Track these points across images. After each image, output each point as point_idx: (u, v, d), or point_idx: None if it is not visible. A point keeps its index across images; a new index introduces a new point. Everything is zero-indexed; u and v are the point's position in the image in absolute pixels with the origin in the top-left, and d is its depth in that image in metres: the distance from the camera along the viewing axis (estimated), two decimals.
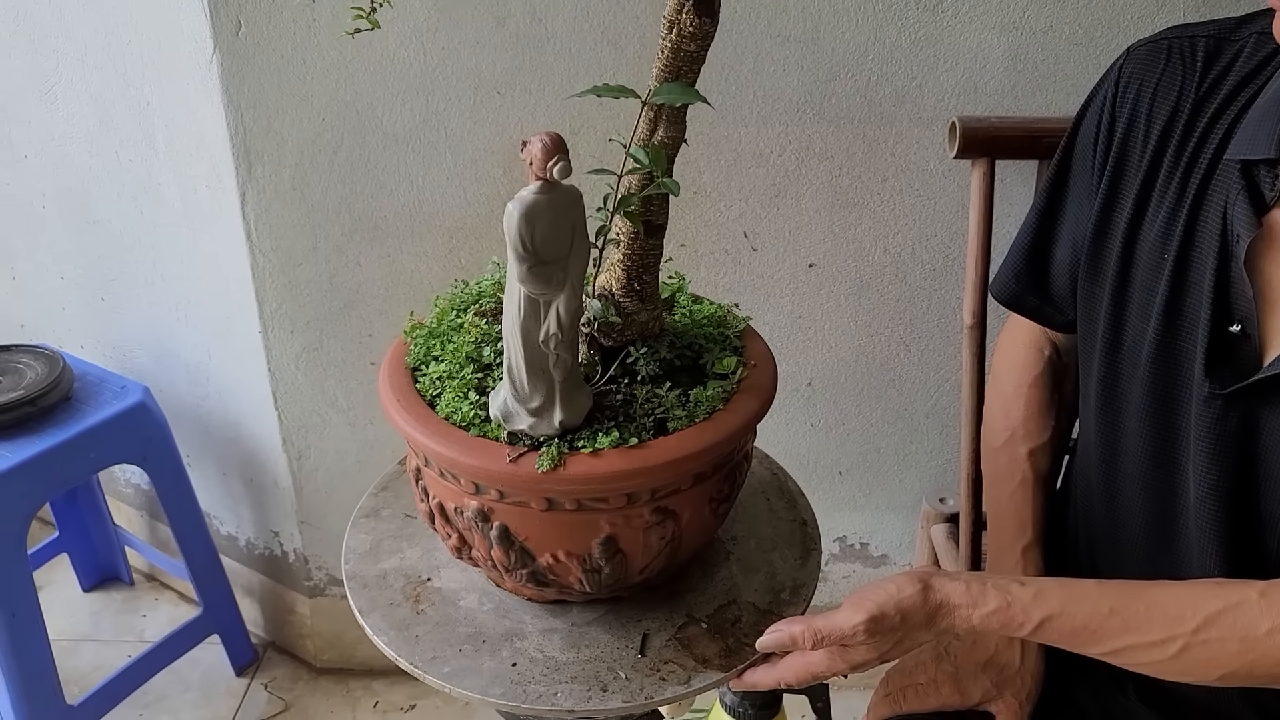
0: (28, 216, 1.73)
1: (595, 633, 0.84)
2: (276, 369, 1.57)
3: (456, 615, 0.86)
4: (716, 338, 0.86)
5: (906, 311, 1.47)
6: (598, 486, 0.74)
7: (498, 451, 0.74)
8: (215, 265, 1.54)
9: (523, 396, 0.74)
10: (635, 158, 0.76)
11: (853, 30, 1.27)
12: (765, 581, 0.89)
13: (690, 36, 0.73)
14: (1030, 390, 1.03)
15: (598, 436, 0.74)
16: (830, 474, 1.62)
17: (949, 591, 0.76)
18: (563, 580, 0.80)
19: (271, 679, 1.85)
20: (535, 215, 0.68)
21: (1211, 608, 0.72)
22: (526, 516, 0.76)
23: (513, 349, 0.73)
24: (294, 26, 1.31)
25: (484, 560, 0.81)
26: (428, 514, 0.83)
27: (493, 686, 0.79)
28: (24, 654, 1.48)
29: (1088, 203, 0.90)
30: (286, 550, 1.79)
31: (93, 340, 1.81)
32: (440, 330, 0.85)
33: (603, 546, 0.77)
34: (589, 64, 1.31)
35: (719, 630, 0.84)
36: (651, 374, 0.80)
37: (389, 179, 1.41)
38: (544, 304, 0.72)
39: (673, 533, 0.79)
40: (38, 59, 1.54)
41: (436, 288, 1.47)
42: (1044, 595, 0.75)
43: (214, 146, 1.41)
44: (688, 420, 0.76)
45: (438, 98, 1.34)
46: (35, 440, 1.47)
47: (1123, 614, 0.74)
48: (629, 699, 0.78)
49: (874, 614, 0.74)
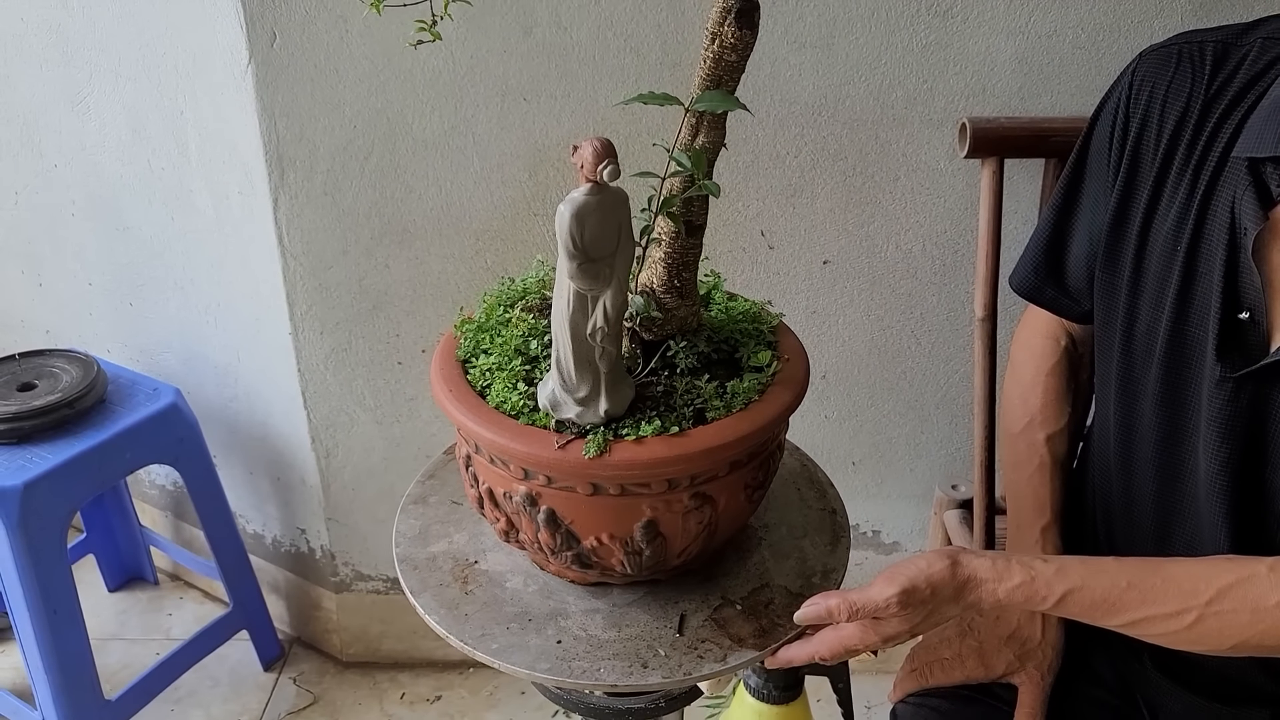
0: (56, 224, 1.78)
1: (635, 613, 0.88)
2: (306, 369, 1.61)
3: (503, 596, 0.90)
4: (751, 333, 0.91)
5: (918, 306, 1.52)
6: (640, 472, 0.78)
7: (546, 439, 0.78)
8: (246, 269, 1.59)
9: (570, 387, 0.78)
10: (679, 161, 0.80)
11: (866, 36, 1.32)
12: (796, 566, 0.93)
13: (732, 47, 0.78)
14: (1048, 379, 1.08)
15: (641, 425, 0.79)
16: (844, 464, 1.67)
17: (976, 567, 0.80)
18: (605, 562, 0.84)
19: (299, 673, 1.90)
20: (585, 215, 0.72)
21: (1224, 581, 0.77)
22: (572, 501, 0.80)
23: (561, 341, 0.77)
24: (327, 37, 1.35)
25: (530, 543, 0.85)
26: (477, 499, 0.87)
27: (539, 662, 0.83)
28: (64, 650, 1.52)
29: (1104, 199, 0.96)
30: (313, 547, 1.83)
31: (120, 344, 1.85)
32: (489, 325, 0.89)
33: (644, 530, 0.81)
34: (612, 70, 1.36)
35: (753, 611, 0.88)
36: (690, 366, 0.85)
37: (418, 184, 1.45)
38: (591, 299, 0.76)
39: (710, 517, 0.83)
40: (70, 70, 1.58)
41: (463, 289, 1.53)
42: (1065, 570, 0.79)
43: (247, 154, 1.46)
44: (725, 410, 0.81)
45: (466, 104, 1.39)
46: (73, 442, 1.51)
47: (1140, 587, 0.78)
48: (668, 675, 0.82)
49: (906, 587, 0.79)
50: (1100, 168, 0.96)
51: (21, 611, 1.48)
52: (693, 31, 1.33)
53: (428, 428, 1.65)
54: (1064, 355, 1.09)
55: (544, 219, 1.48)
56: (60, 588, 1.50)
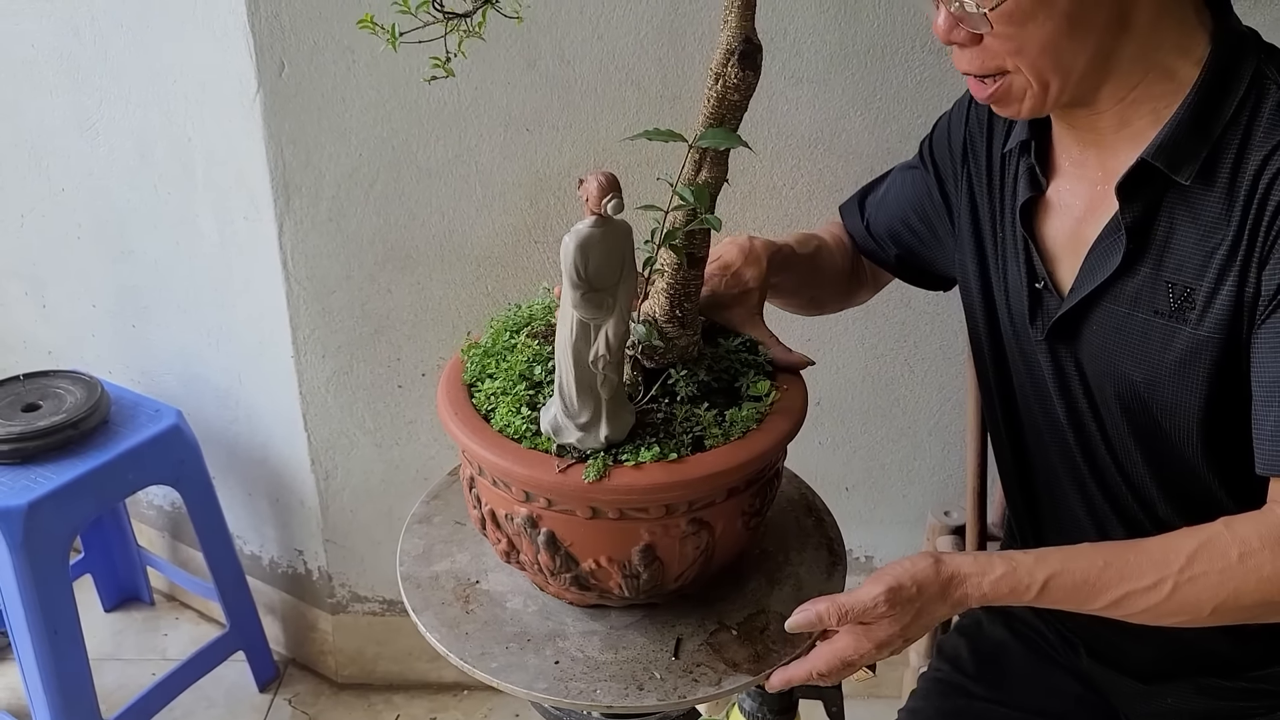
0: (61, 247, 1.80)
1: (632, 636, 0.90)
2: (308, 392, 1.63)
3: (503, 616, 0.92)
4: (750, 362, 0.93)
5: (910, 335, 1.55)
6: (639, 497, 0.81)
7: (547, 462, 0.81)
8: (250, 293, 1.61)
9: (572, 412, 0.80)
10: (682, 196, 0.83)
11: (862, 72, 1.36)
12: (792, 593, 0.95)
13: (735, 87, 0.81)
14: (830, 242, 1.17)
15: (640, 451, 0.81)
16: (837, 489, 1.69)
17: (959, 563, 0.83)
18: (603, 585, 0.86)
19: (295, 694, 1.90)
20: (589, 246, 0.75)
21: (1189, 547, 0.80)
22: (572, 524, 0.83)
23: (564, 368, 0.80)
24: (334, 67, 1.38)
25: (530, 564, 0.87)
26: (479, 520, 0.89)
27: (537, 682, 0.85)
28: (64, 670, 1.53)
29: (918, 185, 1.11)
30: (310, 568, 1.85)
31: (122, 366, 1.87)
32: (495, 349, 0.92)
33: (642, 554, 0.83)
34: (614, 104, 1.39)
35: (748, 637, 0.90)
36: (690, 395, 0.87)
37: (421, 211, 1.48)
38: (594, 328, 0.79)
39: (707, 543, 0.86)
40: (80, 97, 1.60)
41: (464, 314, 1.56)
42: (1044, 558, 0.83)
43: (253, 180, 1.48)
44: (723, 439, 0.83)
45: (470, 134, 1.42)
46: (77, 463, 1.53)
47: (1115, 565, 0.81)
48: (663, 697, 0.84)
49: (892, 585, 0.81)
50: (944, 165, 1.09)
51: (22, 631, 1.49)
52: (693, 66, 1.36)
53: (426, 450, 1.67)
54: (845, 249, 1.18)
55: (544, 247, 1.51)
56: (61, 607, 1.51)
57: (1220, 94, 0.84)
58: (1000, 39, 0.83)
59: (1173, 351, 0.87)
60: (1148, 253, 0.88)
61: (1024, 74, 0.85)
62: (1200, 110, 0.84)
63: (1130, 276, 0.89)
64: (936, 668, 1.17)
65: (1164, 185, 0.86)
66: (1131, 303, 0.89)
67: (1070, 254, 0.94)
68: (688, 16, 1.34)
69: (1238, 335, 0.85)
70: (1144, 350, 0.89)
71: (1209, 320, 0.85)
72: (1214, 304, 0.84)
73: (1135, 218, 0.87)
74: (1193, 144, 0.84)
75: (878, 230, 1.15)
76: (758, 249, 1.00)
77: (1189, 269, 0.86)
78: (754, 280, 0.99)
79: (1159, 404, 0.90)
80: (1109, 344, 0.92)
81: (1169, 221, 0.87)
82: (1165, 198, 0.86)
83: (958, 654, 1.16)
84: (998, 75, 0.86)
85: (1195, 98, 0.85)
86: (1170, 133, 0.85)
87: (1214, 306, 0.84)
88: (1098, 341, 0.92)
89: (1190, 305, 0.86)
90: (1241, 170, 0.83)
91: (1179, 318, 0.87)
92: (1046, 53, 0.83)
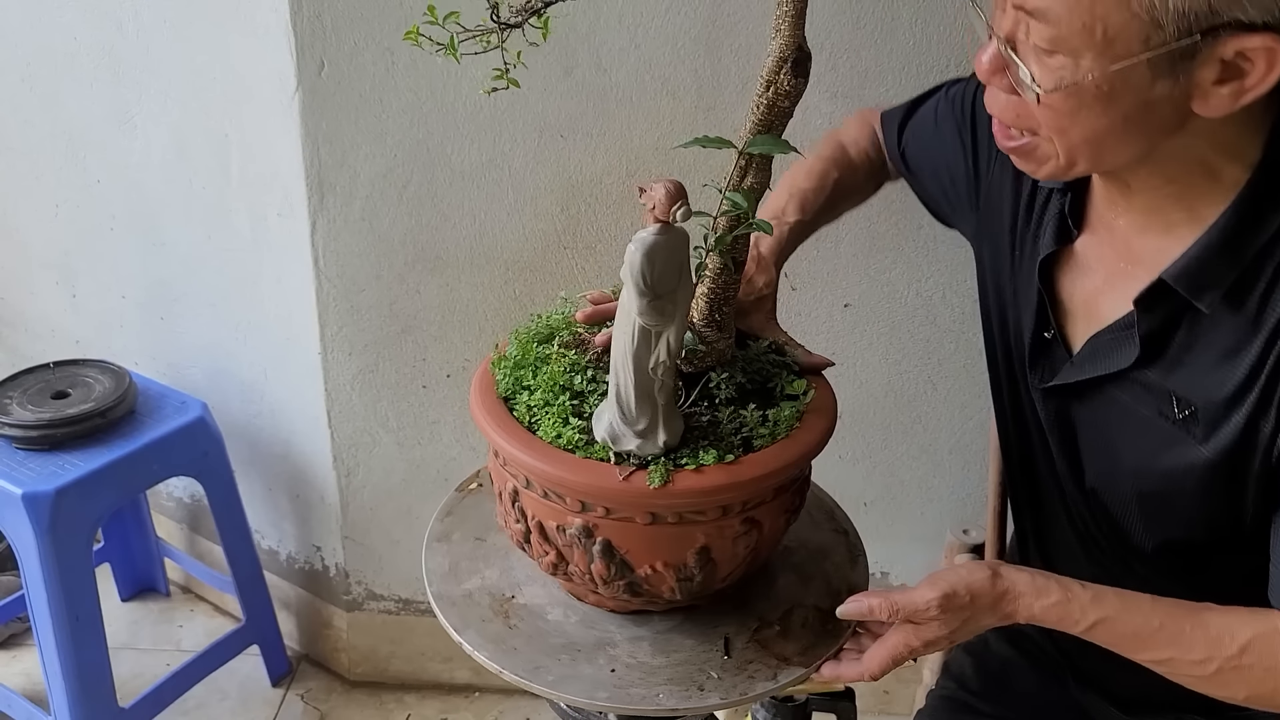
0: (94, 238, 1.82)
1: (679, 639, 0.91)
2: (333, 389, 1.64)
3: (547, 628, 0.91)
4: (779, 364, 0.94)
5: (935, 352, 1.56)
6: (700, 500, 0.81)
7: (607, 471, 0.81)
8: (279, 289, 1.63)
9: (630, 419, 0.80)
10: (733, 201, 0.84)
11: (896, 87, 1.36)
12: (823, 586, 0.97)
13: (786, 94, 0.82)
14: (864, 149, 1.14)
15: (699, 454, 0.82)
16: (856, 504, 1.69)
17: (1015, 579, 0.84)
18: (656, 590, 0.86)
19: (307, 690, 1.91)
20: (655, 254, 0.76)
21: (1245, 636, 0.80)
22: (629, 531, 0.82)
23: (623, 376, 0.80)
24: (374, 68, 1.40)
25: (581, 575, 0.86)
26: (522, 534, 0.88)
27: (597, 691, 0.85)
28: (84, 656, 1.54)
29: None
30: (328, 565, 1.86)
31: (149, 357, 1.88)
32: (527, 361, 0.90)
33: (697, 556, 0.84)
34: (649, 112, 1.40)
35: (791, 632, 0.92)
36: (729, 397, 0.88)
37: (453, 213, 1.50)
38: (655, 334, 0.79)
39: (756, 541, 0.87)
40: (120, 90, 1.63)
41: (491, 317, 1.57)
42: (1101, 599, 0.83)
43: (288, 177, 1.50)
44: (770, 438, 0.84)
45: (504, 139, 1.44)
46: (104, 451, 1.54)
47: (1169, 629, 0.81)
48: (725, 695, 0.85)
49: (947, 591, 0.82)
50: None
51: (44, 615, 1.50)
52: (729, 79, 1.37)
53: (449, 451, 1.68)
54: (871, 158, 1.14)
55: (574, 252, 1.52)
56: (83, 594, 1.53)
57: (1260, 211, 0.78)
58: (1045, 111, 0.77)
59: (1170, 456, 0.85)
60: (1160, 360, 0.84)
61: (1055, 146, 0.80)
62: (1235, 229, 0.79)
63: (1139, 373, 0.85)
64: (943, 686, 1.17)
65: (1186, 303, 0.81)
66: (1135, 397, 0.87)
67: (1084, 318, 0.91)
68: (725, 29, 1.35)
69: (1245, 463, 0.81)
70: (1140, 444, 0.87)
71: (1214, 442, 0.82)
72: (1221, 428, 0.81)
73: (1151, 329, 0.83)
74: (1221, 268, 0.79)
75: (913, 162, 1.10)
76: (765, 256, 1.01)
77: (1199, 390, 0.82)
78: (766, 286, 1.00)
79: (1147, 488, 0.89)
80: (1108, 424, 0.90)
81: (1188, 336, 0.82)
82: (1186, 313, 0.82)
83: (963, 672, 1.16)
84: (1026, 132, 0.81)
85: (1232, 213, 0.79)
86: (1198, 254, 0.80)
87: (1221, 431, 0.81)
88: (1096, 418, 0.91)
89: (1195, 422, 0.83)
90: (1272, 300, 0.78)
91: (1182, 427, 0.83)
92: (1089, 142, 0.78)
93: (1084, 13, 0.71)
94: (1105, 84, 0.73)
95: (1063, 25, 0.72)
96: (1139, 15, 0.70)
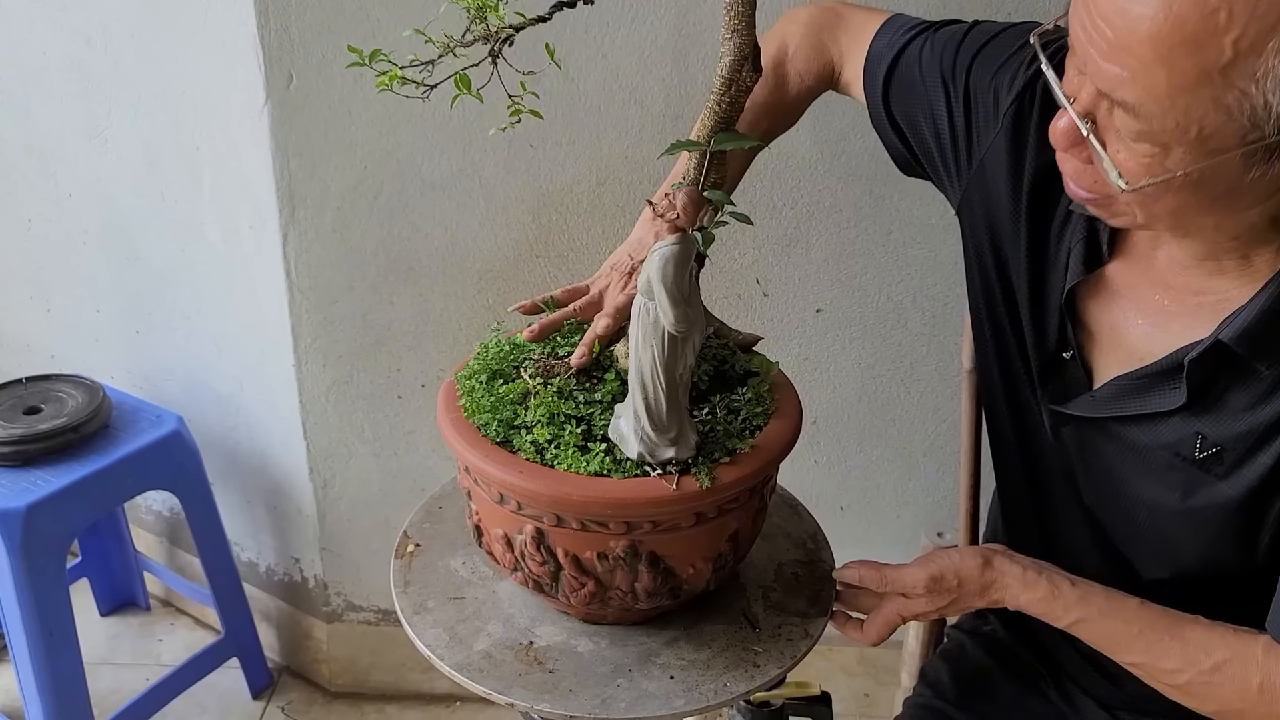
0: (67, 252, 1.81)
1: (707, 629, 0.92)
2: (308, 400, 1.64)
3: (586, 660, 0.88)
4: (724, 347, 0.95)
5: (907, 355, 1.57)
6: (740, 487, 0.83)
7: (655, 484, 0.80)
8: (253, 301, 1.62)
9: (662, 429, 0.80)
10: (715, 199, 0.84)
11: None
12: (786, 541, 1.02)
13: (746, 90, 0.82)
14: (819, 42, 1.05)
15: (726, 445, 0.83)
16: (832, 509, 1.70)
17: (1005, 570, 0.87)
18: (694, 587, 0.87)
19: (288, 702, 1.91)
20: (681, 263, 0.77)
21: (1221, 655, 0.81)
22: (674, 539, 0.83)
23: (653, 390, 0.79)
24: (342, 80, 1.40)
25: (624, 595, 0.84)
26: (550, 574, 0.84)
27: (674, 702, 0.84)
28: (59, 673, 1.53)
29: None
30: (306, 576, 1.85)
31: (124, 371, 1.88)
32: (506, 399, 0.86)
33: (730, 542, 0.86)
34: (616, 121, 1.40)
35: (790, 588, 0.96)
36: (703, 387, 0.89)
37: (424, 223, 1.50)
38: (682, 341, 0.79)
39: (764, 516, 0.91)
40: (90, 104, 1.62)
41: (465, 326, 1.57)
42: (1087, 599, 0.85)
43: (259, 190, 1.50)
44: (764, 416, 0.87)
45: (474, 149, 1.44)
46: (77, 466, 1.53)
47: (1147, 637, 0.84)
48: (782, 664, 0.88)
49: (935, 574, 0.88)
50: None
51: (18, 633, 1.50)
52: (695, 87, 1.38)
53: (425, 461, 1.68)
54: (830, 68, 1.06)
55: (546, 261, 1.52)
56: (58, 611, 1.52)
57: None
58: (1128, 196, 0.73)
59: (1183, 493, 0.85)
60: (1197, 404, 0.82)
61: (1135, 211, 0.76)
62: None
63: (1164, 416, 0.84)
64: (919, 693, 1.18)
65: (1238, 357, 0.79)
66: (1155, 437, 0.85)
67: (1109, 347, 0.89)
68: (691, 38, 1.36)
69: (1265, 501, 0.81)
70: (1153, 481, 0.87)
71: (1236, 480, 0.81)
72: (1247, 466, 0.80)
73: (1197, 384, 0.81)
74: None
75: (901, 120, 1.00)
76: None
77: (1229, 430, 0.81)
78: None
79: (1159, 524, 0.88)
80: (1123, 461, 0.89)
81: (1227, 380, 0.81)
82: (1236, 363, 0.80)
83: (939, 679, 1.16)
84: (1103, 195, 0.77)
85: None
86: (1260, 318, 0.77)
87: (1246, 469, 0.80)
88: (1109, 451, 0.90)
89: (1218, 461, 0.82)
90: None
91: (1202, 467, 0.83)
92: (1172, 214, 0.75)
93: (1179, 114, 0.67)
94: (1195, 174, 0.70)
95: (1154, 122, 0.68)
96: (1237, 118, 0.67)
